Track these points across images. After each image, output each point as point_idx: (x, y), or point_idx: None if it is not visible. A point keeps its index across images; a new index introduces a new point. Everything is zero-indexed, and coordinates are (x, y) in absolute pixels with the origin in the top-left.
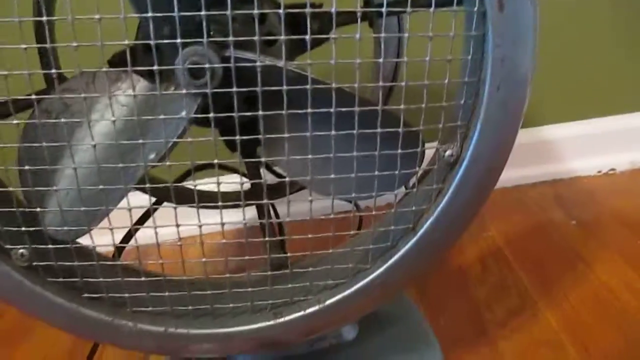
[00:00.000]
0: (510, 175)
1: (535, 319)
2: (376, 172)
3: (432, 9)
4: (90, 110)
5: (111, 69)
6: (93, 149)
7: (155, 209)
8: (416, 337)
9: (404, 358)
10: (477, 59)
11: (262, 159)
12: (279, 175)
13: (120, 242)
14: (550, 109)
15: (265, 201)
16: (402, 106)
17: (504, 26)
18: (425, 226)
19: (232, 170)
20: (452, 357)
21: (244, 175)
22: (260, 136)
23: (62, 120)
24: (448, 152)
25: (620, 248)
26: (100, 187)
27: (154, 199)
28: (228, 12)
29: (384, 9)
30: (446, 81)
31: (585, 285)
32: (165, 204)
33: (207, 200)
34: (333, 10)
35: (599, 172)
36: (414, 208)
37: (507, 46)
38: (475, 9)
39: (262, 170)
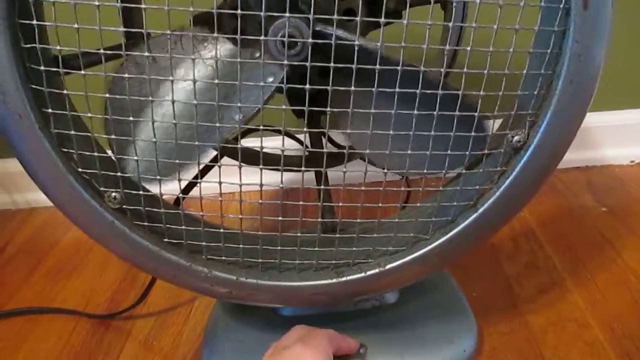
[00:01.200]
0: None
1: (563, 297)
2: (448, 151)
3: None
4: (177, 67)
5: (198, 34)
6: (179, 104)
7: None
8: (452, 304)
9: (441, 322)
10: (554, 52)
11: (325, 130)
12: (338, 146)
13: (184, 192)
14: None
15: (323, 169)
16: (481, 92)
17: (586, 24)
18: (486, 205)
19: (295, 139)
20: (484, 325)
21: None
22: (327, 109)
23: (149, 77)
24: (516, 138)
25: None
26: (179, 141)
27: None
28: None
29: None
30: (511, 50)
31: (612, 269)
32: (228, 160)
33: (268, 161)
34: None
35: (632, 162)
36: (477, 187)
37: (586, 42)
38: (561, 5)
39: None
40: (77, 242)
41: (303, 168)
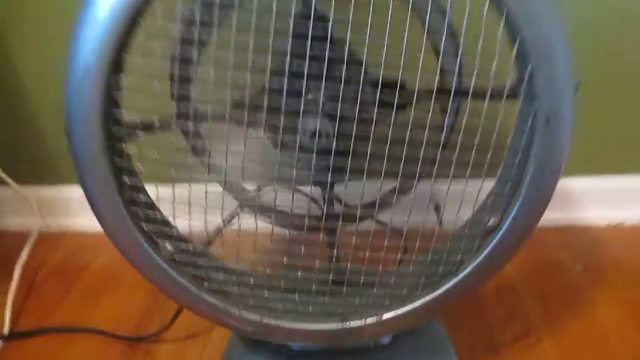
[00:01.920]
0: None
1: (536, 346)
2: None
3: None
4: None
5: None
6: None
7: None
8: (439, 348)
9: None
10: (523, 161)
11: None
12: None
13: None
14: (573, 164)
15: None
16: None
17: (549, 139)
18: (465, 271)
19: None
20: None
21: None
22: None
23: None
24: (491, 222)
25: (616, 295)
26: None
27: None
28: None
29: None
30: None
31: (583, 323)
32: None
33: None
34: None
35: (609, 224)
36: (458, 258)
37: (546, 154)
38: (528, 125)
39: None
40: (106, 267)
41: (322, 230)
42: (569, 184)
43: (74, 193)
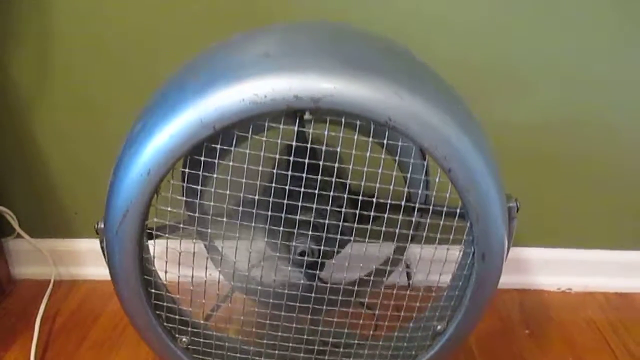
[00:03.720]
0: None
1: None
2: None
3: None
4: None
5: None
6: None
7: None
8: None
9: None
10: (463, 285)
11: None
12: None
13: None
14: (529, 236)
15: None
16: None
17: (484, 270)
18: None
19: None
20: None
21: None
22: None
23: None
24: (439, 327)
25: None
26: None
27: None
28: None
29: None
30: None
31: None
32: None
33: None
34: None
35: (559, 289)
36: (413, 352)
37: (483, 280)
38: (468, 260)
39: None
40: (116, 315)
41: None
42: (526, 253)
43: (84, 245)
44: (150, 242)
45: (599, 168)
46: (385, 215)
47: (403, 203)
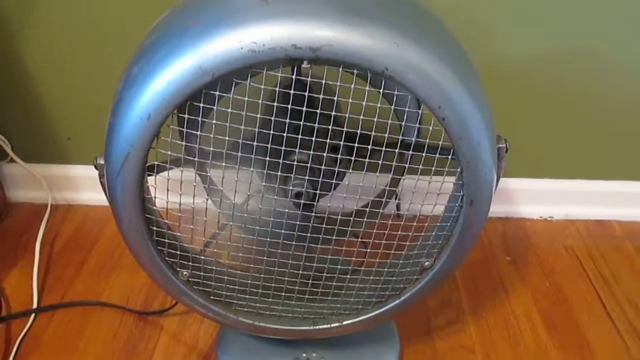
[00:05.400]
0: None
1: (462, 329)
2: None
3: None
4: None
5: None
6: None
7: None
8: (384, 331)
9: (375, 344)
10: (452, 224)
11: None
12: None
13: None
14: (512, 167)
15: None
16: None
17: (472, 213)
18: (406, 295)
19: None
20: (405, 346)
21: None
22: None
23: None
24: (427, 263)
25: (532, 286)
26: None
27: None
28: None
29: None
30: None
31: (500, 310)
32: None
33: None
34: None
35: (540, 217)
36: (401, 285)
37: (469, 223)
38: (457, 203)
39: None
40: (113, 240)
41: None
42: (510, 183)
43: (79, 171)
44: (151, 178)
45: (583, 100)
46: (383, 149)
47: (400, 137)
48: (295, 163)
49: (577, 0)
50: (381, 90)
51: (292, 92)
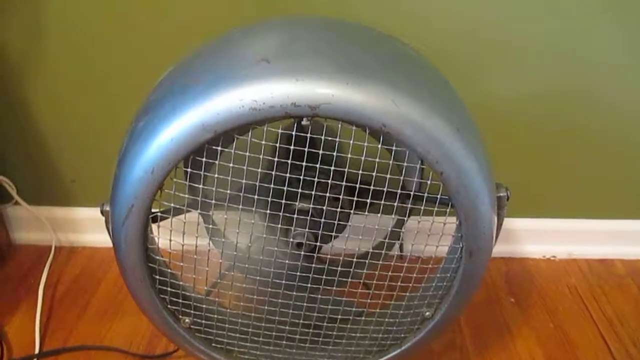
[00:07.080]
0: None
1: None
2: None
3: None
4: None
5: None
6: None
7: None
8: None
9: None
10: (452, 276)
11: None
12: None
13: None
14: (517, 208)
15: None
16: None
17: (472, 265)
18: (407, 345)
19: None
20: None
21: None
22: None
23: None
24: (427, 313)
25: (536, 327)
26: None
27: None
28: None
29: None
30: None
31: (505, 353)
32: None
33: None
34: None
35: (543, 256)
36: (402, 335)
37: (469, 273)
38: (456, 255)
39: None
40: (116, 283)
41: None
42: (512, 223)
43: (83, 213)
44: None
45: (583, 139)
46: (382, 202)
47: (399, 191)
48: (295, 216)
49: (575, 41)
50: (379, 146)
51: (292, 147)
